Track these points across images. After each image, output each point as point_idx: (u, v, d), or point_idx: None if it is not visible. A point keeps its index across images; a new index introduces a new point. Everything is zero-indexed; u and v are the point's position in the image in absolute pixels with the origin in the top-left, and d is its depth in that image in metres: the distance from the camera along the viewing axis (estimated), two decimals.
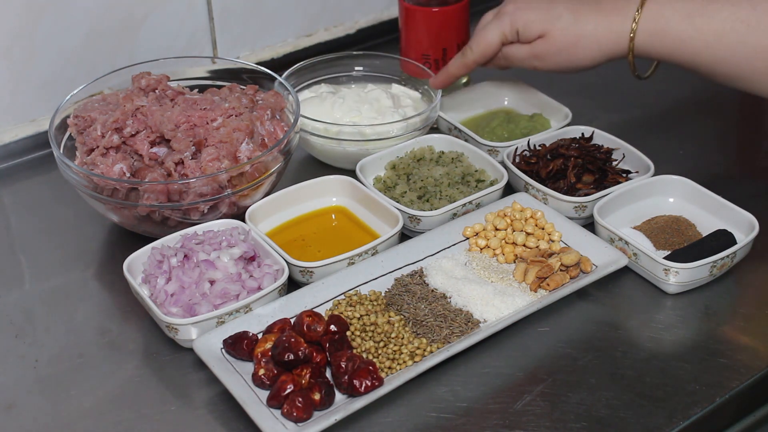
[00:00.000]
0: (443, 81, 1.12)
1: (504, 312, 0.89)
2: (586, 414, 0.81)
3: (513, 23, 1.04)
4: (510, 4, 1.05)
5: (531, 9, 1.03)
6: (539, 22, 1.02)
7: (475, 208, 1.01)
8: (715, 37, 0.95)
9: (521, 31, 1.04)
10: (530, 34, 1.03)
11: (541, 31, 1.03)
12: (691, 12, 0.96)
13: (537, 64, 1.05)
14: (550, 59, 1.04)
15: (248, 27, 1.29)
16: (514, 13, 1.04)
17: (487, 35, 1.06)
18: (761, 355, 0.86)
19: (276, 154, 0.99)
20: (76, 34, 1.16)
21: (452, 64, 1.11)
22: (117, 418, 0.83)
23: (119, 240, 1.03)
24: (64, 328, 0.92)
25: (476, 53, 1.07)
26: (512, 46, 1.06)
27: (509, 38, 1.05)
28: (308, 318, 0.85)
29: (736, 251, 0.92)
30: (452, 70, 1.11)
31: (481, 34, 1.07)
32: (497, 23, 1.05)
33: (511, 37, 1.05)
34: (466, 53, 1.09)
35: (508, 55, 1.07)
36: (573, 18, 1.01)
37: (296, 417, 0.78)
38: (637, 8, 0.98)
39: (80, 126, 1.02)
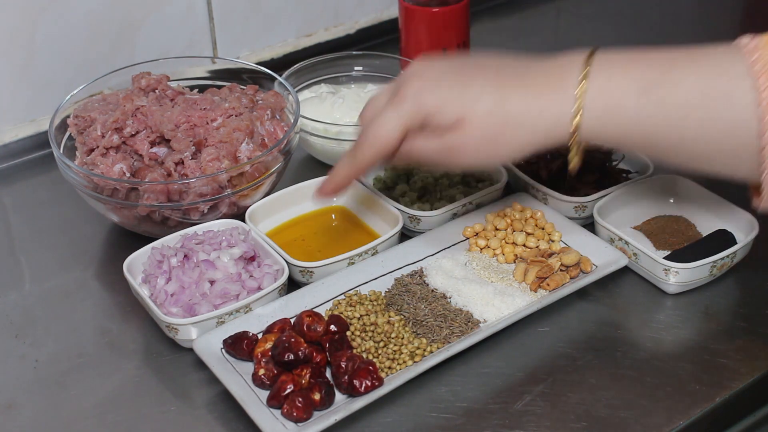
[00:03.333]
0: (331, 189, 0.85)
1: (504, 312, 0.89)
2: (586, 414, 0.81)
3: (418, 108, 0.77)
4: (410, 84, 0.78)
5: (441, 88, 0.78)
6: (453, 105, 0.77)
7: (475, 208, 1.01)
8: (680, 113, 0.74)
9: (429, 117, 0.77)
10: (441, 122, 0.77)
11: (457, 116, 0.77)
12: (648, 83, 0.75)
13: (450, 161, 0.79)
14: (467, 154, 0.78)
15: (248, 27, 1.29)
16: (419, 95, 0.77)
17: (383, 127, 0.78)
18: (761, 356, 0.86)
19: (276, 154, 0.99)
20: (76, 34, 1.16)
21: (339, 170, 0.83)
22: (117, 418, 0.83)
23: (119, 240, 1.03)
24: (64, 328, 0.93)
25: (369, 153, 0.80)
26: (416, 138, 0.79)
27: (414, 129, 0.79)
28: (308, 318, 0.85)
29: (736, 251, 0.92)
30: (340, 175, 0.83)
31: (376, 125, 0.79)
32: (395, 110, 0.78)
33: (417, 126, 0.78)
34: (355, 155, 0.81)
35: (413, 151, 0.80)
36: (497, 98, 0.77)
37: (296, 417, 0.78)
38: (579, 82, 0.76)
39: (80, 126, 1.02)
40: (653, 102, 0.75)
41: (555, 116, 0.77)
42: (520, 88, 0.78)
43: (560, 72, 0.78)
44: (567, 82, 0.77)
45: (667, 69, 0.76)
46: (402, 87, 0.79)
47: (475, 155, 0.79)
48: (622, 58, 0.77)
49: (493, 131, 0.77)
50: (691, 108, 0.74)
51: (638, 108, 0.75)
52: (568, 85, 0.76)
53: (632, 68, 0.76)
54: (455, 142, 0.78)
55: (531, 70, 0.79)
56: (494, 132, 0.77)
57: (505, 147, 0.78)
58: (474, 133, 0.77)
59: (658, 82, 0.75)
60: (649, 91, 0.75)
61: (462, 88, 0.78)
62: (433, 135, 0.79)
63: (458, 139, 0.78)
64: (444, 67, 0.81)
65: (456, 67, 0.81)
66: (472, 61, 0.82)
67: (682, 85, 0.75)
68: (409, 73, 0.81)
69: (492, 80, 0.78)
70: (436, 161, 0.80)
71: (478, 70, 0.80)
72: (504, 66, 0.80)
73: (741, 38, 0.75)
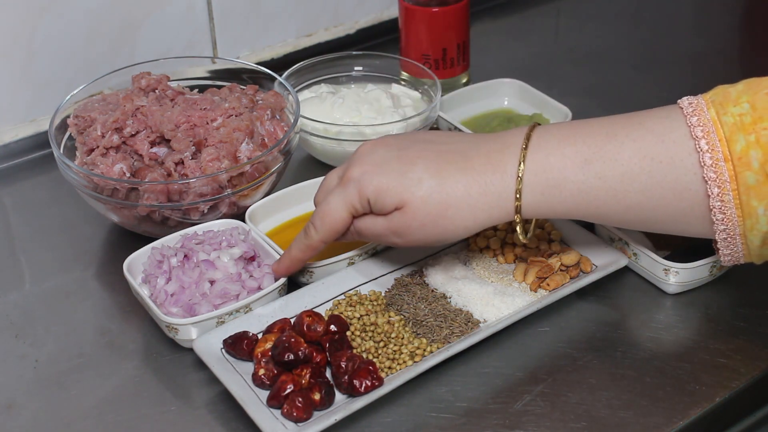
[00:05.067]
0: (287, 268, 0.89)
1: (504, 312, 0.89)
2: (586, 414, 0.81)
3: (361, 192, 0.82)
4: (356, 167, 0.83)
5: (382, 173, 0.81)
6: (394, 190, 0.80)
7: None
8: (623, 183, 0.76)
9: (373, 201, 0.81)
10: (384, 205, 0.81)
11: (398, 201, 0.80)
12: (587, 156, 0.77)
13: (398, 240, 0.83)
14: (412, 235, 0.82)
15: (248, 27, 1.29)
16: (361, 180, 0.82)
17: (331, 209, 0.83)
18: (761, 356, 0.86)
19: (276, 154, 0.99)
20: (76, 34, 1.16)
21: (295, 247, 0.88)
22: (117, 418, 0.83)
23: (119, 240, 1.03)
24: (64, 328, 0.93)
25: (321, 232, 0.85)
26: (365, 218, 0.84)
27: (360, 210, 0.83)
28: (308, 318, 0.85)
29: None
30: (295, 254, 0.88)
31: (325, 207, 0.84)
32: (342, 193, 0.83)
33: (362, 208, 0.83)
34: (309, 232, 0.86)
35: (362, 230, 0.85)
36: (436, 182, 0.79)
37: (296, 417, 0.78)
38: (519, 161, 0.78)
39: (80, 126, 1.02)
40: (594, 175, 0.77)
41: (497, 196, 0.79)
42: (461, 172, 0.80)
43: (500, 151, 0.80)
44: (506, 163, 0.79)
45: (606, 140, 0.77)
46: (348, 171, 0.84)
47: (420, 236, 0.82)
48: (561, 133, 0.79)
49: (435, 214, 0.80)
50: (633, 176, 0.76)
51: (580, 183, 0.77)
52: (507, 165, 0.79)
53: (571, 142, 0.78)
54: (399, 224, 0.82)
55: (472, 151, 0.81)
56: (435, 215, 0.80)
57: (448, 228, 0.81)
58: (416, 216, 0.80)
59: (596, 154, 0.77)
60: (589, 165, 0.77)
61: (402, 174, 0.81)
62: (379, 215, 0.83)
63: (401, 220, 0.81)
64: (386, 150, 0.83)
65: (397, 150, 0.83)
66: (415, 144, 0.84)
67: (622, 155, 0.76)
68: (355, 156, 0.85)
69: (433, 164, 0.81)
70: (385, 240, 0.84)
71: (419, 152, 0.82)
72: (445, 148, 0.83)
73: (681, 100, 0.77)
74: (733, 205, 0.74)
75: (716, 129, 0.73)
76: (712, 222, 0.76)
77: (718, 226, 0.75)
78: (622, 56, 1.37)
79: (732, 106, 0.74)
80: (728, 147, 0.73)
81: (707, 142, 0.73)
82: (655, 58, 1.36)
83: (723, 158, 0.73)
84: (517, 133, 0.80)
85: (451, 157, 0.81)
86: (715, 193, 0.74)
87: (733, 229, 0.75)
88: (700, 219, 0.76)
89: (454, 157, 0.81)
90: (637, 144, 0.76)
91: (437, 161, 0.81)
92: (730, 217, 0.74)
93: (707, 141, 0.73)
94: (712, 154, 0.73)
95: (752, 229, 0.74)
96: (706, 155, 0.73)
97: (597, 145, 0.77)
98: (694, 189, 0.75)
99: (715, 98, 0.75)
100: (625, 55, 1.37)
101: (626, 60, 1.36)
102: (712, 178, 0.73)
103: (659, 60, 1.36)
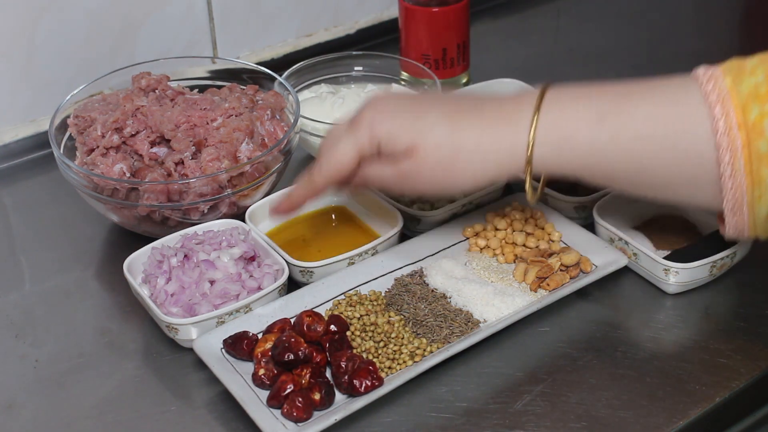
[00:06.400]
0: (286, 208, 0.89)
1: (504, 312, 0.89)
2: (586, 414, 0.81)
3: (372, 134, 0.81)
4: (368, 111, 0.82)
5: (395, 117, 0.80)
6: (406, 133, 0.79)
7: (475, 208, 1.01)
8: (636, 142, 0.75)
9: (383, 144, 0.80)
10: (395, 149, 0.80)
11: (409, 144, 0.79)
12: (601, 113, 0.76)
13: (405, 187, 0.82)
14: (421, 181, 0.81)
15: (248, 27, 1.29)
16: (373, 122, 0.81)
17: (339, 151, 0.82)
18: (761, 356, 0.86)
19: (276, 154, 0.99)
20: (76, 34, 1.16)
21: (297, 190, 0.87)
22: (117, 418, 0.83)
23: (119, 240, 1.03)
24: (64, 328, 0.93)
25: (326, 174, 0.83)
26: (373, 164, 0.82)
27: (368, 153, 0.82)
28: (308, 318, 0.85)
29: (736, 251, 0.92)
30: (297, 195, 0.87)
31: (332, 150, 0.83)
32: (352, 135, 0.82)
33: (371, 151, 0.82)
34: (313, 174, 0.85)
35: (368, 176, 0.83)
36: (449, 128, 0.79)
37: (296, 417, 0.78)
38: (533, 113, 0.77)
39: (80, 126, 1.02)
40: (607, 133, 0.76)
41: (508, 149, 0.78)
42: (474, 121, 0.79)
43: (514, 106, 0.79)
44: (520, 116, 0.78)
45: (621, 100, 0.76)
46: (359, 115, 0.83)
47: (428, 183, 0.81)
48: (576, 92, 0.79)
49: (445, 161, 0.79)
50: (647, 138, 0.75)
51: (592, 140, 0.76)
52: (521, 118, 0.78)
53: (586, 101, 0.77)
54: (409, 169, 0.80)
55: (485, 105, 0.81)
56: (446, 162, 0.79)
57: (457, 177, 0.80)
58: (426, 162, 0.80)
59: (611, 111, 0.76)
60: (603, 123, 0.76)
61: (415, 119, 0.80)
62: (387, 162, 0.81)
63: (411, 166, 0.80)
64: (400, 99, 0.84)
65: (411, 100, 0.83)
66: (427, 97, 0.84)
67: (636, 114, 0.75)
68: (366, 104, 0.84)
69: (446, 113, 0.80)
70: (391, 186, 0.83)
71: (433, 104, 0.82)
72: (459, 101, 0.83)
73: (697, 69, 0.76)
74: (744, 172, 0.73)
75: (731, 97, 0.73)
76: (721, 190, 0.75)
77: (726, 193, 0.75)
78: (622, 56, 1.37)
79: (748, 76, 0.74)
80: (742, 115, 0.72)
81: (722, 108, 0.73)
82: (655, 58, 1.36)
83: (737, 126, 0.72)
84: (531, 92, 0.80)
85: (465, 109, 0.80)
86: (727, 159, 0.73)
87: (740, 198, 0.74)
88: (709, 186, 0.76)
89: (467, 109, 0.80)
90: (652, 107, 0.75)
91: (450, 111, 0.80)
92: (740, 184, 0.74)
93: (722, 108, 0.73)
94: (725, 121, 0.73)
95: (760, 199, 0.74)
96: (719, 122, 0.73)
97: (612, 105, 0.76)
98: (706, 155, 0.74)
99: (731, 68, 0.75)
100: (625, 55, 1.37)
101: (626, 60, 1.36)
102: (724, 144, 0.73)
103: (659, 60, 1.36)
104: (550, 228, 0.98)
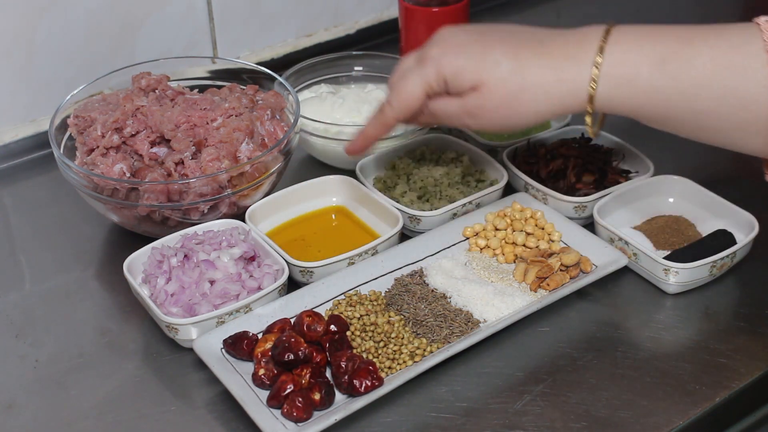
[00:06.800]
0: (361, 146, 0.91)
1: (504, 312, 0.89)
2: (586, 414, 0.81)
3: (439, 71, 0.83)
4: (435, 48, 0.84)
5: (461, 54, 0.82)
6: (472, 70, 0.82)
7: (475, 208, 1.01)
8: (695, 87, 0.77)
9: (450, 80, 0.83)
10: (461, 85, 0.82)
11: (475, 81, 0.81)
12: (664, 56, 0.78)
13: (470, 122, 0.84)
14: (486, 116, 0.83)
15: (248, 27, 1.29)
16: (440, 59, 0.83)
17: (408, 86, 0.84)
18: (761, 356, 0.86)
19: (276, 154, 0.99)
20: (76, 34, 1.16)
21: (369, 125, 0.89)
22: (117, 418, 0.83)
23: (119, 240, 1.03)
24: (64, 328, 0.93)
25: (396, 109, 0.86)
26: (440, 99, 0.85)
27: (435, 89, 0.84)
28: (308, 318, 0.85)
29: (736, 251, 0.92)
30: (369, 132, 0.89)
31: (401, 84, 0.85)
32: (420, 71, 0.84)
33: (438, 87, 0.84)
34: (384, 110, 0.87)
35: (436, 110, 0.86)
36: (514, 65, 0.81)
37: (296, 417, 0.78)
38: (596, 52, 0.79)
39: (80, 126, 1.02)
40: (668, 75, 0.78)
41: (571, 85, 0.80)
42: (538, 57, 0.81)
43: (578, 43, 0.81)
44: (584, 53, 0.80)
45: (683, 43, 0.78)
46: (426, 52, 0.85)
47: (493, 117, 0.83)
48: (640, 32, 0.80)
49: (510, 96, 0.81)
50: (705, 81, 0.77)
51: (653, 80, 0.78)
52: (585, 55, 0.80)
53: (649, 42, 0.79)
54: (474, 104, 0.83)
55: (550, 41, 0.82)
56: (511, 96, 0.81)
57: (521, 111, 0.82)
58: (491, 97, 0.82)
59: (673, 55, 0.78)
60: (665, 64, 0.78)
61: (481, 55, 0.82)
62: (454, 96, 0.84)
63: (477, 101, 0.82)
64: (466, 34, 0.85)
65: (478, 34, 0.85)
66: (494, 31, 0.85)
67: (697, 60, 0.77)
68: (434, 39, 0.86)
69: (511, 48, 0.82)
70: (457, 121, 0.85)
71: (499, 38, 0.84)
72: (524, 36, 0.84)
73: (758, 17, 0.78)
74: None
75: None
76: None
77: None
78: None
79: None
80: None
81: None
82: None
83: None
84: (595, 28, 0.82)
85: (530, 44, 0.82)
86: None
87: None
88: (761, 133, 0.77)
89: (532, 44, 0.82)
90: (713, 51, 0.77)
91: (515, 46, 0.82)
92: None
93: None
94: None
95: None
96: None
97: (674, 47, 0.78)
98: (761, 101, 0.76)
99: None
100: None
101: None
102: None
103: None
104: (550, 228, 0.98)
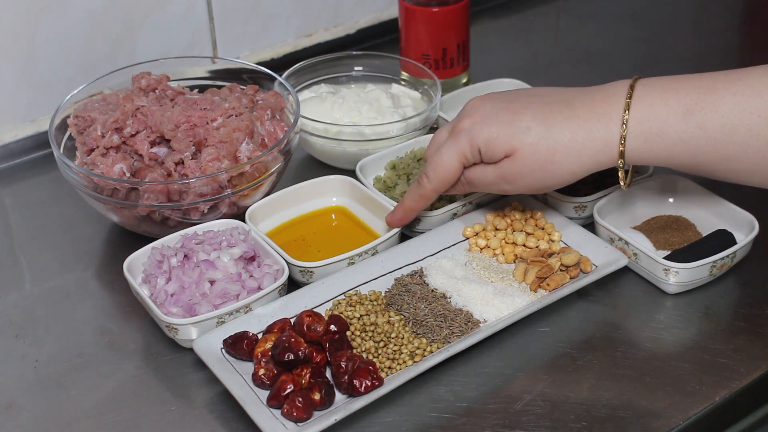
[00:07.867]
0: (401, 218, 0.94)
1: (504, 312, 0.89)
2: (586, 414, 0.81)
3: (472, 141, 0.86)
4: (466, 119, 0.88)
5: (492, 123, 0.86)
6: (504, 138, 0.85)
7: (475, 208, 1.01)
8: (722, 134, 0.80)
9: (483, 149, 0.86)
10: (495, 153, 0.86)
11: (508, 148, 0.85)
12: (689, 107, 0.81)
13: (507, 187, 0.88)
14: (522, 180, 0.86)
15: (248, 27, 1.29)
16: (471, 130, 0.86)
17: (443, 159, 0.88)
18: (761, 356, 0.86)
19: (276, 154, 0.99)
20: (76, 34, 1.16)
21: (408, 197, 0.93)
22: (117, 418, 0.83)
23: (119, 240, 1.03)
24: (64, 328, 0.93)
25: (434, 181, 0.89)
26: (475, 168, 0.88)
27: (470, 159, 0.88)
28: (308, 318, 0.85)
29: (736, 251, 0.92)
30: (409, 204, 0.93)
31: (437, 158, 0.89)
32: (453, 143, 0.87)
33: (473, 158, 0.87)
34: (422, 182, 0.90)
35: (472, 179, 0.89)
36: (544, 129, 0.84)
37: (296, 417, 0.78)
38: (624, 109, 0.82)
39: (80, 126, 1.02)
40: (695, 125, 0.81)
41: (601, 144, 0.83)
42: (567, 119, 0.84)
43: (604, 101, 0.84)
44: (612, 110, 0.83)
45: (707, 92, 0.81)
46: (458, 124, 0.88)
47: (529, 181, 0.87)
48: (663, 84, 0.84)
49: (543, 160, 0.85)
50: (733, 128, 0.80)
51: (681, 132, 0.81)
52: (612, 112, 0.83)
53: (673, 93, 0.82)
54: (510, 170, 0.86)
55: (576, 101, 0.85)
56: (544, 160, 0.85)
57: (556, 173, 0.86)
58: (525, 162, 0.85)
59: (698, 105, 0.81)
60: (691, 115, 0.81)
61: (512, 122, 0.85)
62: (489, 164, 0.87)
63: (512, 167, 0.86)
64: (494, 103, 0.88)
65: (505, 102, 0.88)
66: (521, 98, 0.88)
67: (722, 108, 0.80)
68: (464, 111, 0.90)
69: (540, 113, 0.85)
70: (495, 188, 0.89)
71: (527, 103, 0.87)
72: (551, 98, 0.87)
73: None
74: None
75: None
76: None
77: None
78: (622, 56, 1.37)
79: None
80: None
81: None
82: (655, 58, 1.36)
83: None
84: (619, 85, 0.85)
85: (557, 107, 0.85)
86: None
87: None
88: None
89: (559, 107, 0.85)
90: (737, 98, 0.80)
91: (544, 111, 0.85)
92: None
93: None
94: None
95: None
96: None
97: (699, 97, 0.81)
98: None
99: None
100: (625, 55, 1.37)
101: (626, 60, 1.36)
102: None
103: (659, 60, 1.36)
104: (550, 228, 0.98)
